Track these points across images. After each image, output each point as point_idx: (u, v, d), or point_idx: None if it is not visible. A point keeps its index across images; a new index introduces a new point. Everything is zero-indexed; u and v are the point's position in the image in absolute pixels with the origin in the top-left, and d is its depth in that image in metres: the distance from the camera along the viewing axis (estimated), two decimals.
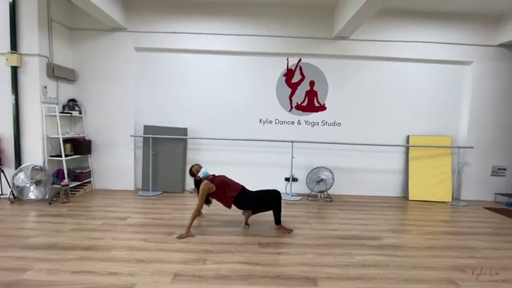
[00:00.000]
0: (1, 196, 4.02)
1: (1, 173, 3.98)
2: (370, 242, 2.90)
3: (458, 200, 4.72)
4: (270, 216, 3.10)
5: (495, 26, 4.59)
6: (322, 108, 4.81)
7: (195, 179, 3.18)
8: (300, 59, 4.71)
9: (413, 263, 2.50)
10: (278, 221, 3.09)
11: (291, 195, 4.56)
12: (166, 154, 4.65)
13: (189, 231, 2.89)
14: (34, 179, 3.89)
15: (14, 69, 3.86)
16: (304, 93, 4.78)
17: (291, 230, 3.10)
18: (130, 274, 2.16)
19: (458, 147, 4.64)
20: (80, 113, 4.50)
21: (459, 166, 4.70)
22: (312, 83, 4.76)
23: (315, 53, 4.61)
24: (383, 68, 4.74)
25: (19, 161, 3.99)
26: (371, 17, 3.79)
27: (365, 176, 4.88)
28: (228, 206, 3.06)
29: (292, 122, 4.82)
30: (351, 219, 3.65)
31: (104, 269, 2.22)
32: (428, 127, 4.83)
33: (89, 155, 4.65)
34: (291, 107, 4.80)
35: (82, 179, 4.44)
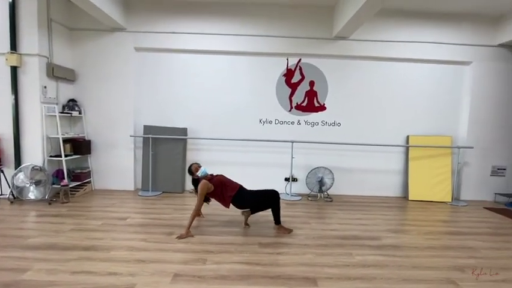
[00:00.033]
0: (1, 196, 4.01)
1: (1, 173, 3.97)
2: (370, 242, 2.90)
3: (458, 200, 4.72)
4: (270, 216, 3.10)
5: (495, 26, 4.60)
6: (322, 108, 4.81)
7: (193, 177, 3.19)
8: (300, 59, 4.71)
9: (412, 263, 2.50)
10: (278, 221, 3.09)
11: (291, 196, 4.56)
12: (166, 154, 4.65)
13: (189, 232, 2.89)
14: (34, 179, 3.89)
15: (14, 69, 3.86)
16: (304, 93, 4.78)
17: (291, 230, 3.10)
18: (129, 274, 2.16)
19: (458, 147, 4.64)
20: (79, 113, 4.50)
21: (459, 166, 4.70)
22: (312, 83, 4.76)
23: (315, 53, 4.61)
24: (382, 68, 4.74)
25: (19, 161, 3.99)
26: (371, 17, 3.79)
27: (365, 176, 4.88)
28: (226, 206, 3.06)
29: (292, 122, 4.82)
30: (351, 219, 3.65)
31: (104, 269, 2.21)
32: (428, 127, 4.83)
33: (89, 155, 4.65)
34: (291, 107, 4.80)
35: (82, 179, 4.44)
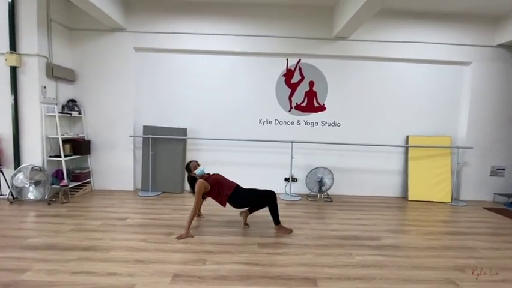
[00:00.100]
0: (0, 196, 4.01)
1: (0, 173, 3.97)
2: (370, 242, 2.91)
3: (458, 200, 4.73)
4: (270, 217, 3.10)
5: (494, 26, 4.61)
6: (321, 108, 4.81)
7: (190, 175, 3.19)
8: (299, 60, 4.71)
9: (412, 263, 2.50)
10: (277, 221, 3.09)
11: (291, 196, 4.56)
12: (166, 154, 4.65)
13: (189, 232, 2.89)
14: (33, 179, 3.89)
15: (13, 70, 3.85)
16: (303, 94, 4.78)
17: (290, 230, 3.10)
18: (129, 275, 2.16)
19: (458, 147, 4.65)
20: (79, 113, 4.49)
21: (458, 166, 4.70)
22: (311, 84, 4.76)
23: (315, 53, 4.61)
24: (382, 69, 4.74)
25: (18, 161, 3.99)
26: (371, 17, 3.79)
27: (365, 176, 4.88)
28: (222, 205, 3.07)
29: (292, 122, 4.82)
30: (351, 219, 3.65)
31: (104, 270, 2.21)
32: (428, 127, 4.84)
33: (89, 155, 4.64)
34: (291, 107, 4.80)
35: (81, 179, 4.44)
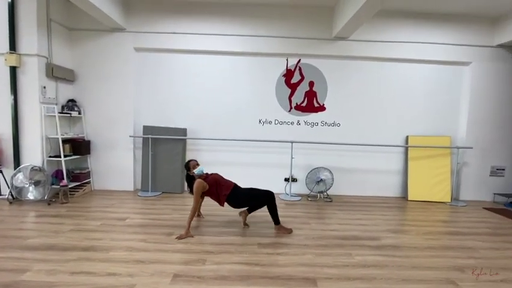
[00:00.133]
0: (0, 196, 4.00)
1: (0, 174, 3.96)
2: (369, 243, 2.91)
3: (457, 200, 4.73)
4: (270, 217, 3.10)
5: (493, 27, 4.61)
6: (321, 108, 4.81)
7: (188, 173, 3.19)
8: (299, 60, 4.71)
9: (412, 263, 2.50)
10: (277, 222, 3.09)
11: (291, 196, 4.56)
12: (166, 155, 4.65)
13: (189, 232, 2.89)
14: (33, 179, 3.88)
15: (13, 70, 3.85)
16: (303, 94, 4.78)
17: (290, 230, 3.10)
18: (129, 275, 2.16)
19: (457, 147, 4.65)
20: (79, 114, 4.49)
21: (458, 166, 4.71)
22: (311, 84, 4.76)
23: (315, 53, 4.61)
24: (382, 69, 4.74)
25: (18, 162, 3.98)
26: (371, 17, 3.79)
27: (365, 177, 4.88)
28: (221, 204, 3.07)
29: (292, 123, 4.82)
30: (351, 219, 3.65)
31: (104, 270, 2.21)
32: (427, 127, 4.84)
33: (88, 156, 4.64)
34: (291, 108, 4.80)
35: (81, 179, 4.44)
